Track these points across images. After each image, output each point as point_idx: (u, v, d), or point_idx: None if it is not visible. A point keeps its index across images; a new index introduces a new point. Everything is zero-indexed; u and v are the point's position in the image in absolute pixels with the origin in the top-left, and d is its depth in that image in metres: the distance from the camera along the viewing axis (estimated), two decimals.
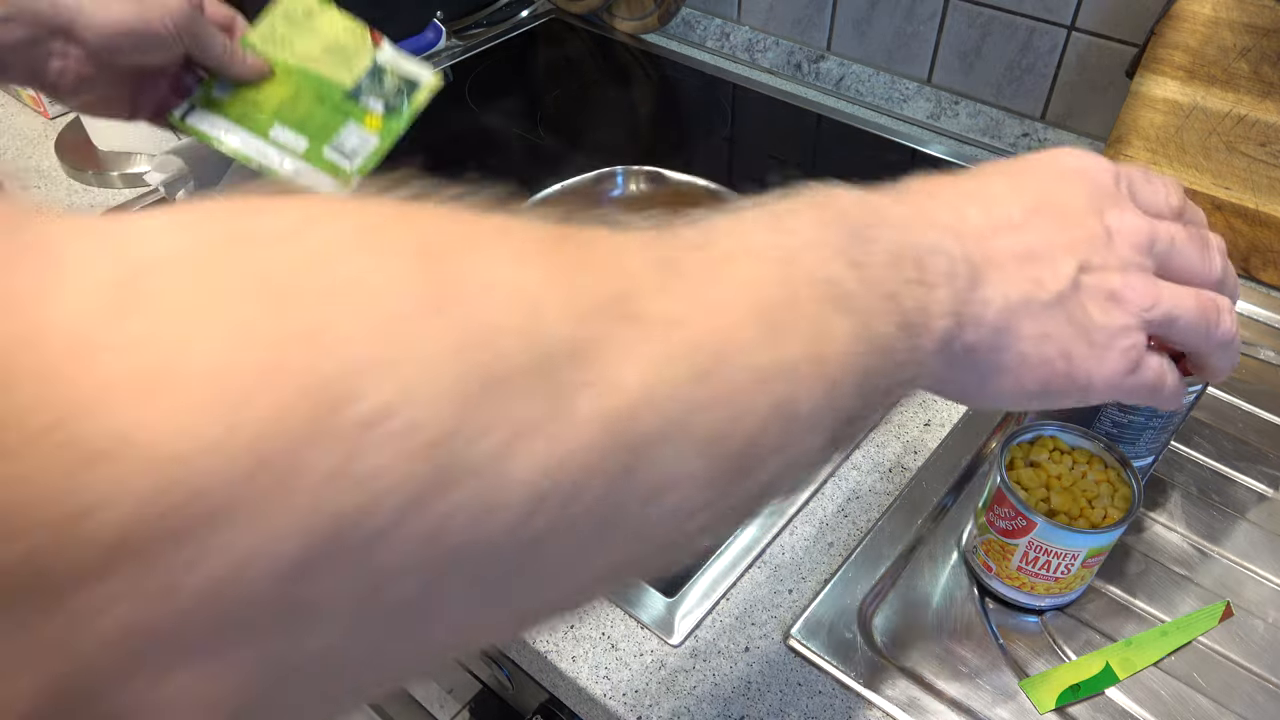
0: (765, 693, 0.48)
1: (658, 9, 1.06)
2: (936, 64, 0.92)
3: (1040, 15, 0.83)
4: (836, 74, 1.00)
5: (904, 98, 0.96)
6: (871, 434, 0.62)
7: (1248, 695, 0.48)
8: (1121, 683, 0.48)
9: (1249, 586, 0.53)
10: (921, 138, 0.93)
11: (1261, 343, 0.69)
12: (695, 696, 0.48)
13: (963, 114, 0.93)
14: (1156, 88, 0.74)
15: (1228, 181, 0.73)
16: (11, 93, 1.02)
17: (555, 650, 0.50)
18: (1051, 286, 0.31)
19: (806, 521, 0.57)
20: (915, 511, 0.56)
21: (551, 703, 0.59)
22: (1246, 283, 0.74)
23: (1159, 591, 0.53)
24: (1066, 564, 0.48)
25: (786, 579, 0.54)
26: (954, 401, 0.35)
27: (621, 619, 0.52)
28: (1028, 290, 0.31)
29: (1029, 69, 0.86)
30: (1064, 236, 0.32)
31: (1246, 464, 0.60)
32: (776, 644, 0.51)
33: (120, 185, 0.87)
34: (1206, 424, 0.63)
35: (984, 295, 0.30)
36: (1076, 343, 0.32)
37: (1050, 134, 0.88)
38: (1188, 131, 0.73)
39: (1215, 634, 0.51)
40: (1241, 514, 0.57)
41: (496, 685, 0.68)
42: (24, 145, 0.94)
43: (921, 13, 0.90)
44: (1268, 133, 0.70)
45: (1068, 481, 0.50)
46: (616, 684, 0.49)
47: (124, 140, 0.87)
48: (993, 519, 0.50)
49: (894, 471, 0.59)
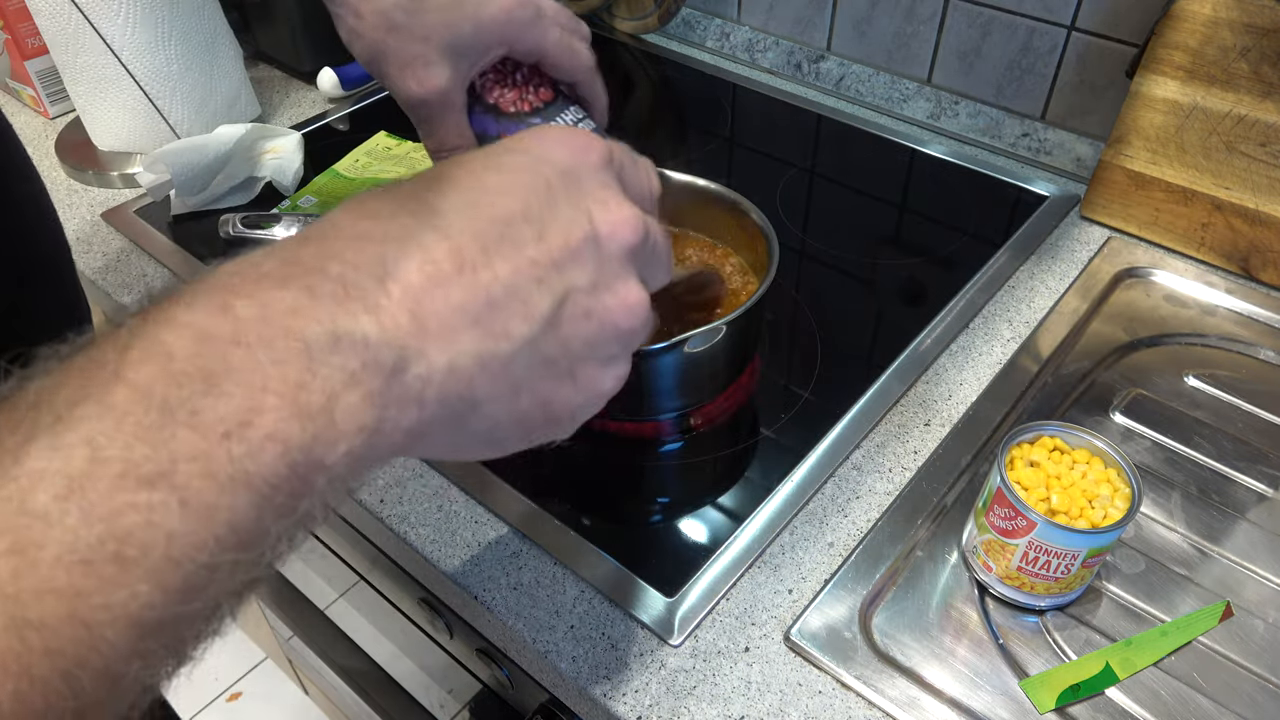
0: (765, 693, 0.48)
1: (658, 9, 1.07)
2: (936, 64, 0.92)
3: (1040, 15, 0.83)
4: (836, 74, 1.00)
5: (904, 98, 0.96)
6: (871, 434, 0.62)
7: (1248, 695, 0.48)
8: (1121, 683, 0.48)
9: (1249, 586, 0.53)
10: (921, 138, 0.93)
11: (1261, 343, 0.69)
12: (695, 696, 0.48)
13: (963, 114, 0.93)
14: (1156, 88, 0.74)
15: (1228, 181, 0.73)
16: (11, 93, 1.02)
17: (555, 650, 0.50)
18: (519, 333, 0.28)
19: (806, 521, 0.57)
20: (915, 511, 0.56)
21: (551, 703, 0.59)
22: (1247, 283, 0.74)
23: (1159, 591, 0.53)
24: (1066, 564, 0.48)
25: (786, 579, 0.54)
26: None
27: (621, 619, 0.52)
28: (485, 348, 0.27)
29: (1029, 69, 0.86)
30: (543, 258, 0.28)
31: (1246, 464, 0.60)
32: (776, 644, 0.51)
33: (120, 185, 0.87)
34: (1206, 424, 0.63)
35: (420, 373, 0.26)
36: (558, 385, 0.30)
37: (1050, 134, 0.88)
38: (1188, 131, 0.73)
39: (1215, 634, 0.51)
40: (1241, 514, 0.57)
41: (496, 685, 0.68)
42: (24, 145, 0.94)
43: (921, 13, 0.90)
44: (1268, 133, 0.70)
45: (1068, 481, 0.50)
46: (616, 684, 0.49)
47: (124, 140, 0.87)
48: (993, 519, 0.50)
49: (894, 471, 0.59)
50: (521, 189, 0.29)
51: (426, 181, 0.29)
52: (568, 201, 0.30)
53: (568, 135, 0.32)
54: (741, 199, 0.65)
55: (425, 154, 0.88)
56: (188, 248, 0.78)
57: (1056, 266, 0.76)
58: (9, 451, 0.21)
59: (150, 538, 0.21)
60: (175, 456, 0.22)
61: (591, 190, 0.30)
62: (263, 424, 0.23)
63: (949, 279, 0.75)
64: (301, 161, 0.85)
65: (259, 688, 1.54)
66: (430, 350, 0.26)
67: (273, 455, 0.23)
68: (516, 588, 0.53)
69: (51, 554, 0.20)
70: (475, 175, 0.30)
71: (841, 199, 0.87)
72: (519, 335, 0.28)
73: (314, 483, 0.24)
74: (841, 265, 0.78)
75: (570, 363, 0.30)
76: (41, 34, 0.83)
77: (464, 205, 0.28)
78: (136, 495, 0.21)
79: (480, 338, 0.27)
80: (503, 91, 0.51)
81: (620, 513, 0.59)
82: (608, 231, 0.30)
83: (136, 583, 0.21)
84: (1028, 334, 0.69)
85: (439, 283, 0.27)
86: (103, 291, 0.76)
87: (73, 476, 0.21)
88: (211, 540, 0.22)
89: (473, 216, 0.28)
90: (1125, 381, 0.66)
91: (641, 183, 0.34)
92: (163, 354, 0.23)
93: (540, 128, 0.33)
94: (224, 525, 0.22)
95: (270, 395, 0.23)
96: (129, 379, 0.22)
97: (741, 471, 0.60)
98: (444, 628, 0.66)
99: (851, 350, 0.69)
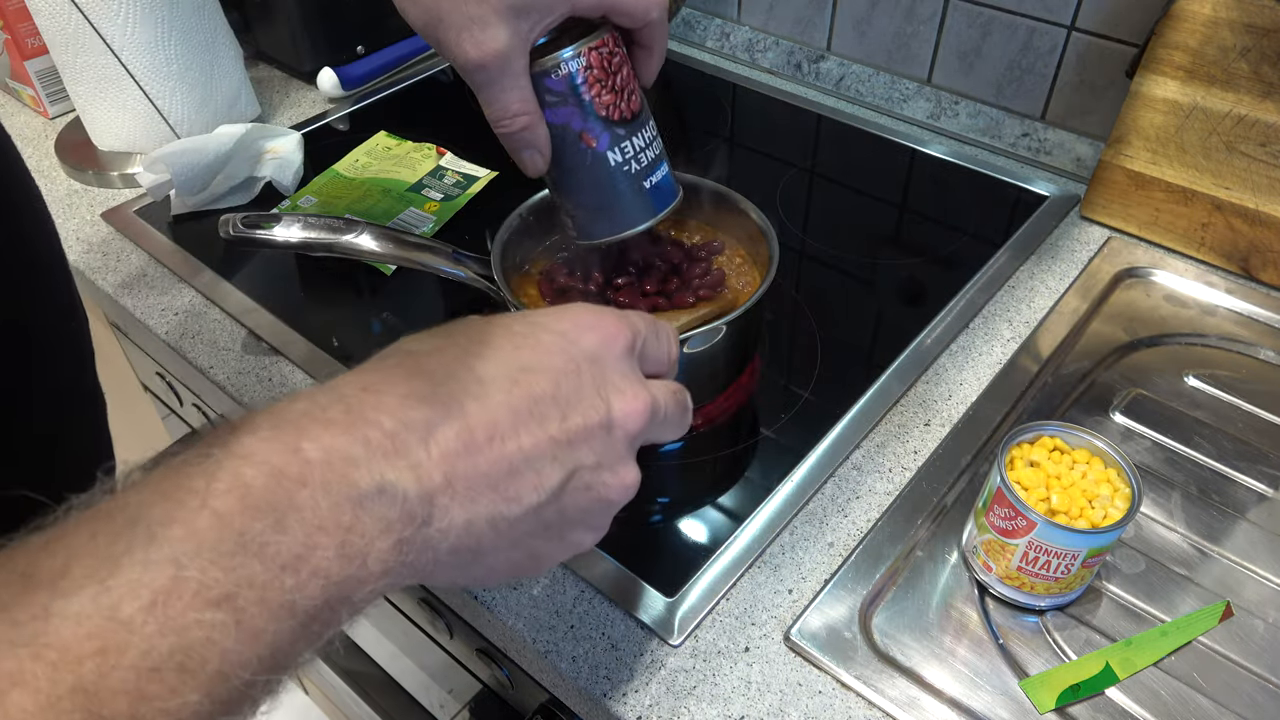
0: (765, 693, 0.48)
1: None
2: (936, 64, 0.92)
3: (1040, 15, 0.83)
4: (836, 74, 1.00)
5: (904, 98, 0.96)
6: (871, 434, 0.62)
7: (1248, 695, 0.48)
8: (1121, 683, 0.48)
9: (1249, 586, 0.53)
10: (921, 138, 0.93)
11: (1261, 343, 0.69)
12: (695, 696, 0.48)
13: (963, 114, 0.93)
14: (1156, 88, 0.74)
15: (1228, 181, 0.73)
16: (11, 93, 1.02)
17: (555, 650, 0.50)
18: (529, 500, 0.32)
19: (806, 521, 0.57)
20: (915, 511, 0.56)
21: (551, 703, 0.59)
22: (1247, 283, 0.74)
23: (1159, 591, 0.53)
24: (1066, 564, 0.48)
25: (786, 579, 0.54)
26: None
27: (621, 619, 0.52)
28: (498, 510, 0.31)
29: (1029, 69, 0.86)
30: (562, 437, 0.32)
31: (1246, 464, 0.60)
32: (776, 644, 0.51)
33: (120, 185, 0.87)
34: (1206, 424, 0.63)
35: (442, 526, 0.29)
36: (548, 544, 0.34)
37: (1050, 134, 0.88)
38: (1188, 131, 0.73)
39: (1215, 634, 0.51)
40: (1241, 514, 0.57)
41: (496, 685, 0.68)
42: (24, 145, 0.94)
43: (921, 13, 0.90)
44: (1268, 133, 0.70)
45: (1068, 481, 0.50)
46: (616, 684, 0.49)
47: (124, 140, 0.87)
48: (993, 519, 0.50)
49: (894, 471, 0.59)
50: (554, 372, 0.33)
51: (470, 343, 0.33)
52: (592, 387, 0.34)
53: (598, 321, 0.36)
54: (741, 199, 0.65)
55: (425, 155, 0.90)
56: (188, 248, 0.78)
57: (1056, 266, 0.76)
58: (110, 561, 0.24)
59: (209, 653, 0.24)
60: (241, 583, 0.25)
61: (613, 380, 0.35)
62: (313, 560, 0.26)
63: (949, 279, 0.75)
64: (301, 161, 0.85)
65: None
66: (454, 508, 0.29)
67: (316, 589, 0.26)
68: (516, 588, 0.53)
69: (130, 660, 0.23)
70: (516, 350, 0.33)
71: (841, 199, 0.87)
72: (528, 502, 0.31)
73: (340, 614, 0.27)
74: (841, 265, 0.78)
75: (563, 526, 0.34)
76: (41, 34, 0.82)
77: (503, 379, 0.32)
78: (204, 614, 0.24)
79: (496, 501, 0.31)
80: (601, 91, 0.50)
81: (620, 513, 0.59)
82: (620, 419, 0.34)
83: (190, 692, 0.23)
84: (1028, 334, 0.69)
85: (472, 450, 0.30)
86: (103, 292, 0.76)
87: (157, 591, 0.23)
88: (255, 660, 0.25)
89: (510, 392, 0.32)
90: (1125, 381, 0.66)
91: (661, 354, 0.38)
92: (242, 487, 0.26)
93: (573, 309, 0.36)
94: (268, 647, 0.25)
95: (323, 535, 0.26)
96: (214, 508, 0.25)
97: (741, 471, 0.60)
98: (444, 628, 0.66)
99: (851, 350, 0.69)
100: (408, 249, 0.63)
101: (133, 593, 0.23)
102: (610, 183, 0.53)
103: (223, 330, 0.71)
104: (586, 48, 0.49)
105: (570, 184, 0.54)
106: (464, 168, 0.88)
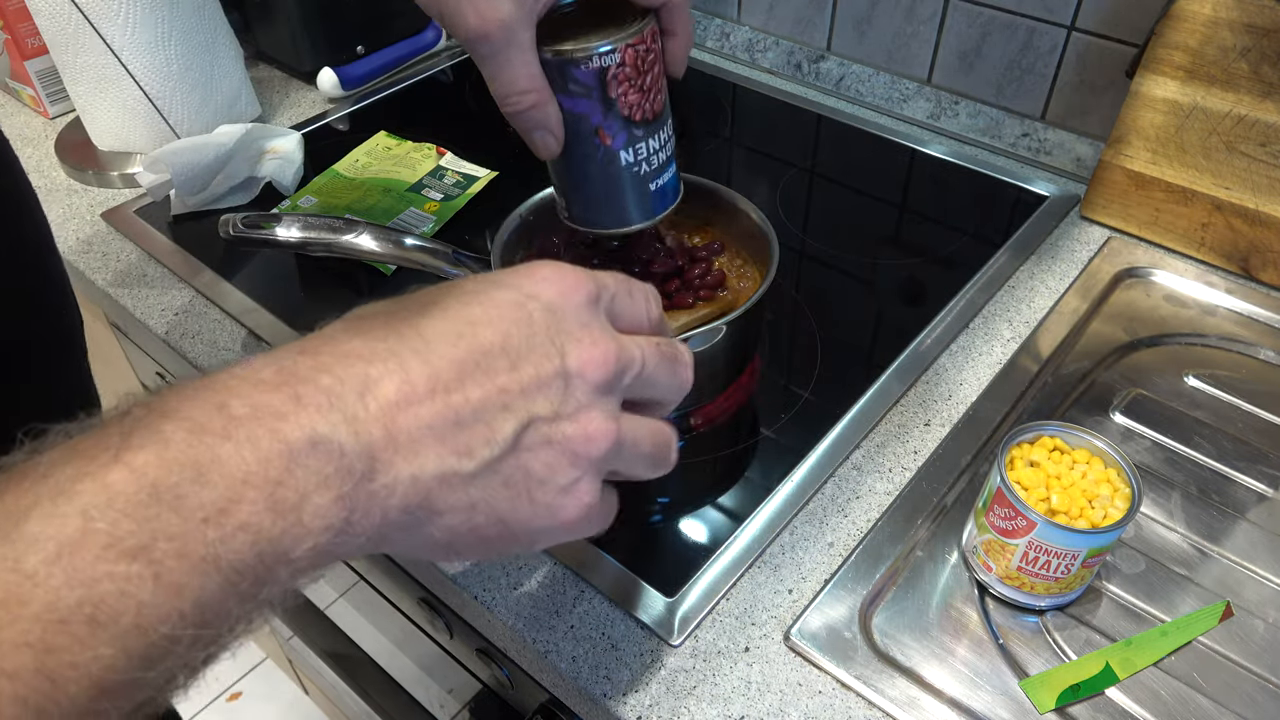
0: (765, 693, 0.48)
1: None
2: (936, 64, 0.92)
3: (1040, 15, 0.83)
4: (836, 74, 1.00)
5: (904, 98, 0.96)
6: (871, 434, 0.62)
7: (1248, 695, 0.48)
8: (1121, 683, 0.48)
9: (1249, 586, 0.53)
10: (921, 138, 0.93)
11: (1261, 343, 0.69)
12: (695, 696, 0.48)
13: (963, 114, 0.93)
14: (1156, 88, 0.74)
15: (1228, 181, 0.73)
16: (11, 93, 1.02)
17: (555, 650, 0.50)
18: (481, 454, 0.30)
19: (806, 521, 0.57)
20: (915, 511, 0.56)
21: (551, 703, 0.59)
22: (1247, 283, 0.74)
23: (1159, 591, 0.53)
24: (1066, 564, 0.48)
25: (786, 579, 0.54)
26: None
27: (621, 619, 0.52)
28: (448, 465, 0.29)
29: (1029, 69, 0.86)
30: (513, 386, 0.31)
31: (1246, 464, 0.60)
32: (776, 644, 0.51)
33: (120, 185, 0.87)
34: (1206, 424, 0.63)
35: (386, 481, 0.28)
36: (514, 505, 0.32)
37: (1050, 134, 0.88)
38: (1188, 131, 0.73)
39: (1215, 634, 0.51)
40: (1241, 514, 0.57)
41: (496, 685, 0.68)
42: (24, 145, 0.94)
43: (921, 13, 0.90)
44: (1268, 133, 0.70)
45: (1068, 481, 0.50)
46: (616, 684, 0.49)
47: (124, 140, 0.87)
48: (993, 519, 0.50)
49: (894, 471, 0.59)
50: (504, 322, 0.31)
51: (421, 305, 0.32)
52: (546, 336, 0.32)
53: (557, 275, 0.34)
54: (741, 199, 0.65)
55: (425, 155, 0.90)
56: (188, 248, 0.78)
57: (1056, 266, 0.76)
58: (13, 516, 0.23)
59: (122, 606, 0.23)
60: (156, 534, 0.24)
61: (570, 328, 0.32)
62: (239, 514, 0.25)
63: (949, 279, 0.75)
64: (301, 161, 0.85)
65: (259, 688, 1.54)
66: (397, 461, 0.28)
67: (243, 543, 0.25)
68: (516, 587, 0.53)
69: (32, 611, 0.22)
70: (465, 306, 0.32)
71: (841, 199, 0.87)
72: (481, 456, 0.30)
73: (278, 573, 0.26)
74: (841, 265, 0.78)
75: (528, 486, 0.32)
76: (41, 34, 0.82)
77: (449, 333, 0.31)
78: (116, 566, 0.23)
79: (444, 454, 0.29)
80: (629, 90, 0.48)
81: (620, 513, 0.59)
82: (577, 367, 0.32)
83: (102, 645, 0.23)
84: (1028, 334, 0.69)
85: (413, 401, 0.29)
86: (102, 291, 0.76)
87: (63, 543, 0.23)
88: (176, 614, 0.24)
89: (454, 344, 0.30)
90: (1125, 381, 0.66)
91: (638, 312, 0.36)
92: (160, 442, 0.25)
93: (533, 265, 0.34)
94: (190, 602, 0.24)
95: (249, 489, 0.25)
96: (127, 461, 0.24)
97: (741, 471, 0.60)
98: (444, 627, 0.66)
99: (851, 350, 0.69)
100: (408, 249, 0.63)
101: (37, 545, 0.23)
102: (617, 180, 0.52)
103: (223, 330, 0.71)
104: (625, 44, 0.47)
105: (575, 173, 0.53)
106: (464, 168, 0.88)
